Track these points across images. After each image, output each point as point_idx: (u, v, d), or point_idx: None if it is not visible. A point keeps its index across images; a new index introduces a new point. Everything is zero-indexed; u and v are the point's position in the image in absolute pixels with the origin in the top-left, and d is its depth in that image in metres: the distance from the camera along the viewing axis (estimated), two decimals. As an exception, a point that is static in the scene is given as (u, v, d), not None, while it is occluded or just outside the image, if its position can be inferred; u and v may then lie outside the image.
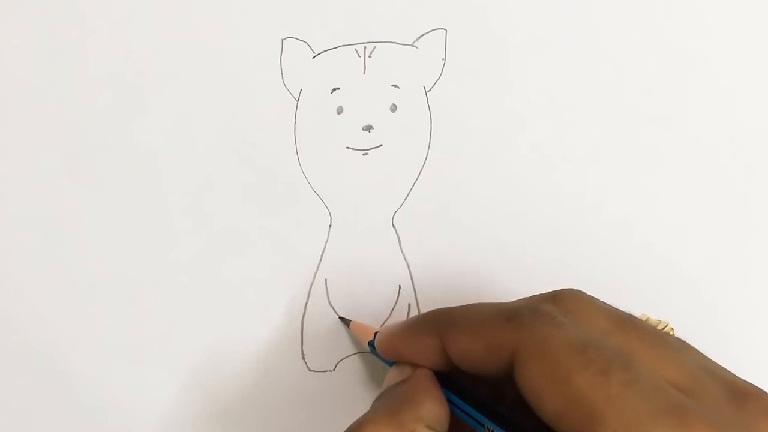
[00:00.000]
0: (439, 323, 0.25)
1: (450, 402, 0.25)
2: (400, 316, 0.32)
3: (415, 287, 0.32)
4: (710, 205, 0.32)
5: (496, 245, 0.32)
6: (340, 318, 0.31)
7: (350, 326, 0.31)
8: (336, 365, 0.32)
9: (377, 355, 0.27)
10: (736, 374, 0.23)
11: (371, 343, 0.28)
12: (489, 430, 0.24)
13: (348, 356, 0.32)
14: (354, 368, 0.32)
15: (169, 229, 0.31)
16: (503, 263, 0.32)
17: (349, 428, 0.23)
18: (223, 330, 0.31)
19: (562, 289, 0.25)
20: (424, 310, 0.32)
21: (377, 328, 0.28)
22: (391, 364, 0.27)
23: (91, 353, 0.31)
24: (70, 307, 0.31)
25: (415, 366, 0.26)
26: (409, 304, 0.32)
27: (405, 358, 0.26)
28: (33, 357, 0.31)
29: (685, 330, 0.32)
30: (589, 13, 0.32)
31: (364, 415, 0.24)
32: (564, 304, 0.24)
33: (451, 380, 0.25)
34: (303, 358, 0.32)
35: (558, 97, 0.32)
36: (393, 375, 0.26)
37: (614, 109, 0.32)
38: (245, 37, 0.31)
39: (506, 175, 0.32)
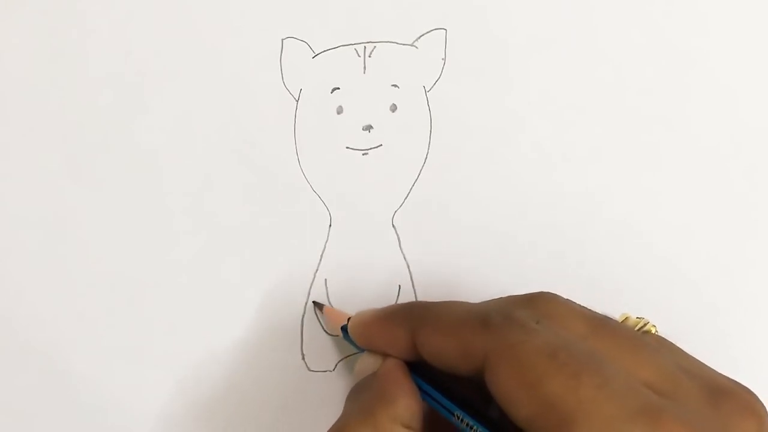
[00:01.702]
0: (413, 318, 0.25)
1: (421, 390, 0.25)
2: (400, 316, 0.32)
3: (415, 287, 0.32)
4: (710, 205, 0.32)
5: (496, 245, 0.32)
6: (314, 302, 0.31)
7: (324, 311, 0.31)
8: (336, 365, 0.32)
9: (349, 341, 0.28)
10: (720, 372, 0.23)
11: (344, 328, 0.28)
12: (458, 417, 0.24)
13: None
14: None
15: (169, 229, 0.31)
16: (503, 263, 0.32)
17: None
18: (223, 330, 0.31)
19: (537, 292, 0.25)
20: (424, 310, 0.32)
21: (350, 314, 0.28)
22: (361, 350, 0.27)
23: (91, 353, 0.31)
24: (70, 307, 0.31)
25: (386, 355, 0.26)
26: (409, 304, 0.32)
27: (377, 347, 0.26)
28: (33, 357, 0.31)
29: (685, 330, 0.32)
30: (589, 13, 0.32)
31: (339, 420, 0.25)
32: (538, 308, 0.24)
33: (421, 367, 0.25)
34: (303, 358, 0.32)
35: (558, 97, 0.32)
36: (364, 362, 0.27)
37: (614, 109, 0.32)
38: (245, 37, 0.31)
39: (506, 175, 0.32)
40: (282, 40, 0.31)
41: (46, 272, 0.31)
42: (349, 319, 0.28)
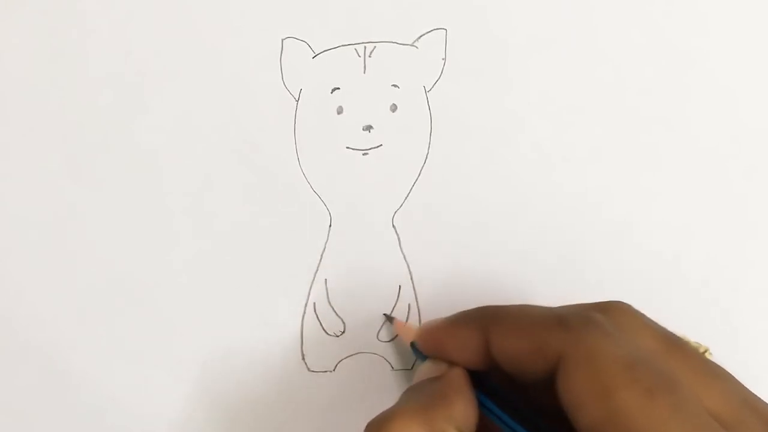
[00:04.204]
0: (486, 319, 0.25)
1: (480, 403, 0.25)
2: (400, 316, 0.32)
3: (415, 287, 0.32)
4: (710, 205, 0.32)
5: (495, 245, 0.32)
6: (385, 315, 0.31)
7: (393, 324, 0.31)
8: (336, 365, 0.32)
9: (417, 354, 0.27)
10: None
11: (413, 344, 0.28)
12: None
13: (348, 356, 0.32)
14: (354, 368, 0.32)
15: (169, 229, 0.31)
16: (503, 263, 0.32)
17: (377, 418, 0.23)
18: (223, 330, 0.31)
19: (610, 301, 0.24)
20: (424, 310, 0.32)
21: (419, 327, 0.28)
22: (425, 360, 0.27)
23: (91, 353, 0.31)
24: (70, 307, 0.31)
25: (450, 364, 0.25)
26: (409, 304, 0.32)
27: (446, 352, 0.26)
28: (33, 357, 0.31)
29: (684, 330, 0.32)
30: (589, 13, 0.32)
31: (394, 406, 0.24)
32: (612, 318, 0.23)
33: (483, 382, 0.25)
34: (303, 359, 0.32)
35: (558, 97, 0.32)
36: (426, 370, 0.26)
37: (614, 109, 0.32)
38: (245, 37, 0.31)
39: (506, 175, 0.32)
40: (282, 40, 0.31)
41: (46, 272, 0.31)
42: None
